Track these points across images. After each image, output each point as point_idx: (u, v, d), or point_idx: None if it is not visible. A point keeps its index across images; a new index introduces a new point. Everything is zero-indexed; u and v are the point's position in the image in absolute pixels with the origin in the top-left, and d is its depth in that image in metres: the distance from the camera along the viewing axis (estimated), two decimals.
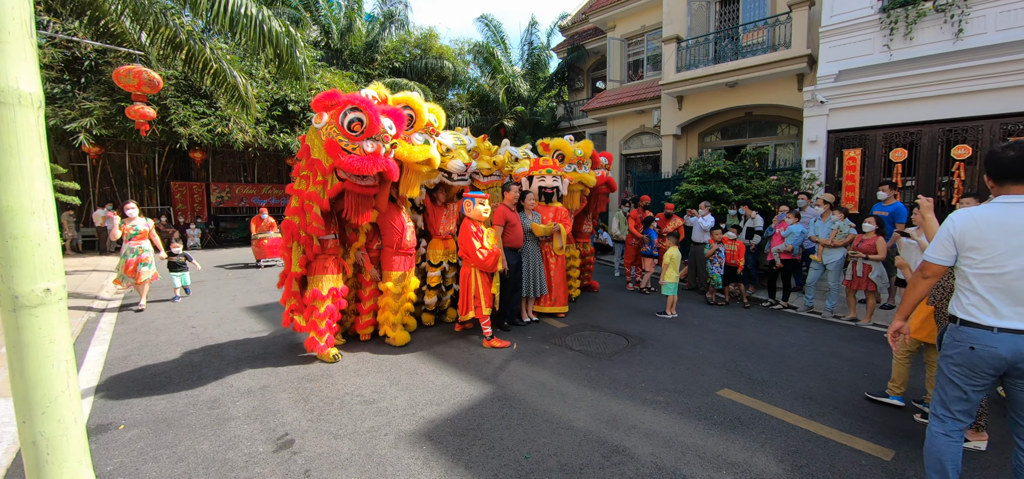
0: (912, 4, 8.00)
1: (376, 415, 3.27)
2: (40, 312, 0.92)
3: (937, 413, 2.16)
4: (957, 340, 2.06)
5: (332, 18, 17.82)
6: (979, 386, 2.03)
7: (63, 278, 1.02)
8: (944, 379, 2.12)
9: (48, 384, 0.93)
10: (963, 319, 2.04)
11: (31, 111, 0.95)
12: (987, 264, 1.97)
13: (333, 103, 3.82)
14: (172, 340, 5.06)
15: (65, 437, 0.96)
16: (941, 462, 2.10)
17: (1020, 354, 1.91)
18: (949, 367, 2.10)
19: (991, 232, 1.97)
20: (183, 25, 8.88)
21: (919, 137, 8.09)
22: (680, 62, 11.97)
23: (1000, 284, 1.95)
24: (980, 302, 2.00)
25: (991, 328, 1.96)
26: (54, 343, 0.94)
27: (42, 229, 0.92)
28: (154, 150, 14.77)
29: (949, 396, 2.10)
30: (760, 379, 3.94)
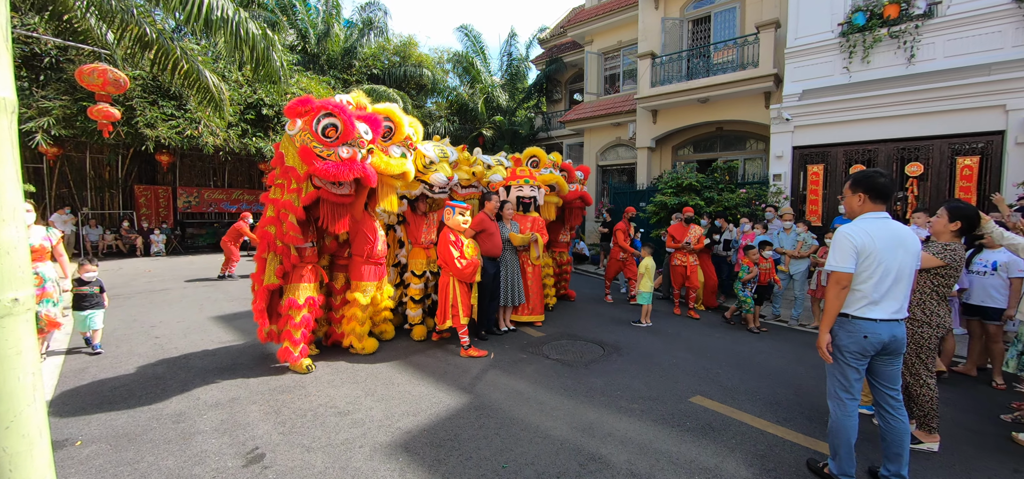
0: (869, 30, 8.49)
1: (351, 427, 3.22)
2: (7, 323, 0.88)
3: (841, 397, 2.53)
4: (851, 331, 2.45)
5: (309, 23, 17.58)
6: (864, 367, 2.50)
7: (32, 287, 0.98)
8: (843, 367, 2.51)
9: (13, 397, 0.89)
10: (853, 315, 2.45)
11: (4, 117, 0.92)
12: (876, 269, 2.38)
13: (307, 109, 3.75)
14: (133, 351, 4.85)
15: (30, 453, 0.91)
16: (850, 439, 2.49)
17: (895, 337, 2.42)
18: (848, 356, 2.47)
19: (881, 242, 2.39)
20: (154, 23, 8.62)
21: (876, 154, 8.56)
22: (654, 77, 12.33)
23: (883, 284, 2.38)
24: (868, 299, 2.41)
25: (875, 319, 2.40)
26: (21, 355, 0.90)
27: (12, 237, 0.88)
28: (117, 152, 14.14)
29: (852, 379, 2.50)
30: (730, 386, 4.06)
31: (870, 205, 2.50)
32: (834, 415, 2.55)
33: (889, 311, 2.40)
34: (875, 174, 2.50)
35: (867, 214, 2.50)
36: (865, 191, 2.51)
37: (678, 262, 7.00)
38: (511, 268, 5.69)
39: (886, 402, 2.52)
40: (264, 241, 4.11)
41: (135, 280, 9.37)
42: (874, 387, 2.59)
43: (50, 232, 4.72)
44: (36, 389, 0.93)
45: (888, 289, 2.39)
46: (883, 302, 2.39)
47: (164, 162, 14.34)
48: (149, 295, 7.80)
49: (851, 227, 2.47)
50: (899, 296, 2.41)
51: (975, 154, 7.60)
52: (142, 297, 7.64)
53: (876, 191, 2.48)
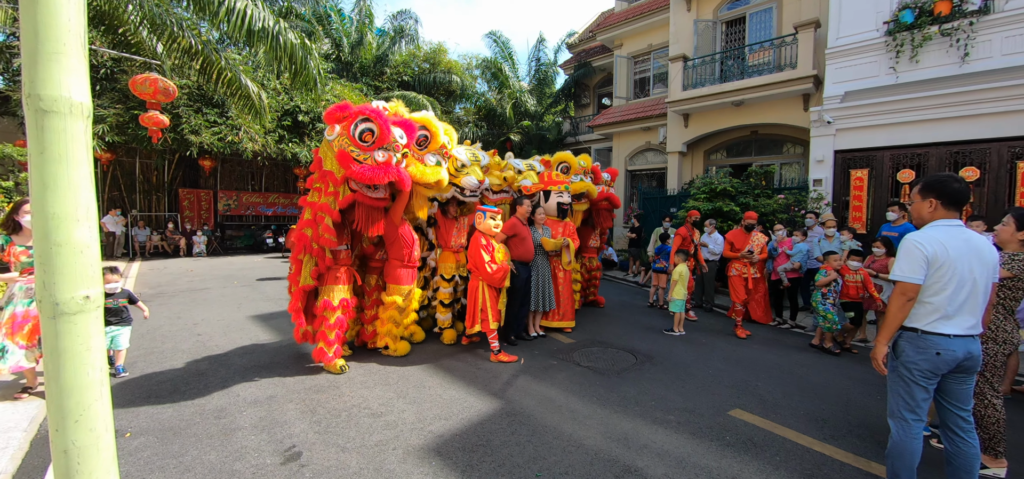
0: (918, 28, 8.07)
1: (384, 429, 3.25)
2: (79, 319, 0.93)
3: (906, 418, 2.34)
4: (922, 347, 2.28)
5: (343, 32, 18.10)
6: (934, 386, 2.32)
7: (101, 285, 1.03)
8: (911, 386, 2.32)
9: (82, 391, 0.93)
10: (924, 330, 2.29)
11: (81, 121, 0.97)
12: (949, 280, 2.23)
13: (345, 115, 3.87)
14: (178, 347, 5.06)
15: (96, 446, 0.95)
16: (913, 463, 2.32)
17: (971, 354, 2.25)
18: (917, 374, 2.29)
19: (954, 252, 2.23)
20: (200, 35, 9.05)
21: (926, 158, 8.10)
22: (686, 81, 12.08)
23: (958, 298, 2.23)
24: (941, 313, 2.25)
25: (948, 335, 2.23)
26: (90, 351, 0.94)
27: (85, 237, 0.93)
28: (164, 157, 14.92)
29: (920, 399, 2.32)
30: (771, 399, 3.89)
31: (942, 212, 2.33)
32: (896, 436, 2.37)
33: (964, 326, 2.23)
34: (948, 179, 2.34)
35: (938, 222, 2.34)
36: (937, 197, 2.34)
37: (737, 272, 6.37)
38: (542, 273, 5.65)
39: (955, 424, 2.33)
40: (301, 243, 4.22)
41: (178, 279, 9.81)
42: (942, 407, 2.39)
43: None
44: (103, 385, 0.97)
45: (963, 302, 2.23)
46: (957, 316, 2.23)
47: (206, 167, 15.03)
48: (191, 294, 8.15)
49: (921, 235, 2.31)
50: (975, 310, 2.25)
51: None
52: (185, 296, 7.99)
53: (949, 197, 2.31)
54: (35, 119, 0.91)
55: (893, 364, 2.41)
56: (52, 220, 0.90)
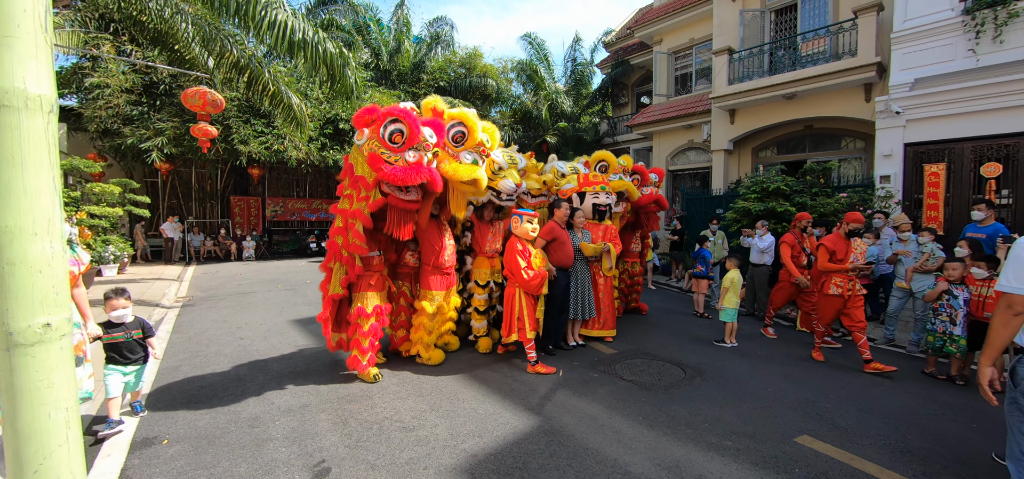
0: (1002, 4, 7.20)
1: (415, 445, 3.09)
2: (37, 351, 0.79)
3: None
4: None
5: (382, 41, 18.48)
6: None
7: (68, 311, 0.89)
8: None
9: (43, 437, 0.80)
10: None
11: (40, 116, 0.83)
12: None
13: (373, 118, 3.81)
14: (221, 351, 5.15)
15: None
16: None
17: None
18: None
19: None
20: (246, 50, 9.40)
21: (1016, 150, 7.19)
22: (732, 74, 11.43)
23: None
24: None
25: None
26: (53, 388, 0.80)
27: (44, 253, 0.79)
28: (217, 166, 15.71)
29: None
30: (845, 426, 3.45)
31: None
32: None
33: None
34: None
35: None
36: None
37: (836, 289, 5.02)
38: (582, 279, 5.38)
39: None
40: (331, 251, 4.18)
41: (228, 283, 10.20)
42: None
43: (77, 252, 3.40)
44: (70, 427, 0.83)
45: None
46: None
47: (255, 175, 15.69)
48: (238, 297, 8.41)
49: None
50: None
51: None
52: (232, 299, 8.25)
53: None
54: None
55: (1012, 396, 2.02)
56: (4, 235, 0.76)
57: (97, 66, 12.47)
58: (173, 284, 9.96)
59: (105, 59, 12.17)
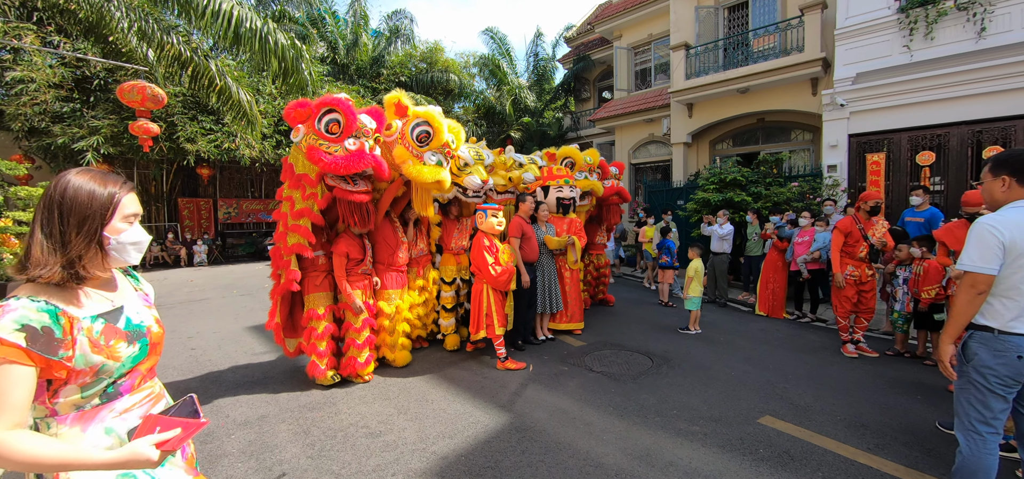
0: (932, 3, 7.73)
1: (383, 451, 2.97)
2: None
3: (981, 431, 2.04)
4: (1000, 350, 1.97)
5: (338, 34, 17.83)
6: (1014, 394, 2.02)
7: None
8: (986, 394, 2.02)
9: None
10: (1002, 330, 1.98)
11: None
12: None
13: (307, 111, 3.64)
14: (168, 363, 4.80)
15: None
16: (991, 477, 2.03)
17: None
18: (995, 381, 1.99)
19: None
20: (189, 42, 8.81)
21: (948, 138, 7.75)
22: (689, 69, 11.76)
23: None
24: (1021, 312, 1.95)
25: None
26: None
27: None
28: (161, 167, 14.72)
29: (997, 410, 2.02)
30: (803, 404, 3.59)
31: (1018, 191, 2.01)
32: (967, 452, 2.06)
33: None
34: (1022, 152, 2.05)
35: (1016, 203, 2.01)
36: (1011, 173, 2.02)
37: (850, 275, 4.80)
38: (548, 273, 5.37)
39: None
40: (275, 259, 3.98)
41: (177, 290, 9.59)
42: (1020, 417, 2.09)
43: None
44: None
45: None
46: None
47: (205, 175, 14.83)
48: (189, 305, 7.91)
49: (996, 218, 1.99)
50: None
51: None
52: (183, 307, 7.75)
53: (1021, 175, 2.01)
54: None
55: (963, 369, 2.10)
56: None
57: (19, 59, 11.39)
58: None
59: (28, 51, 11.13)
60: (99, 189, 1.17)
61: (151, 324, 1.31)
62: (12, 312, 1.02)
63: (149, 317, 1.32)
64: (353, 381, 4.13)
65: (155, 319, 1.35)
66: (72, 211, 1.12)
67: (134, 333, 1.24)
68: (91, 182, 1.17)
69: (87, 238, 1.13)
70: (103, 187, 1.18)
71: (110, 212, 1.18)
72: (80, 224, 1.13)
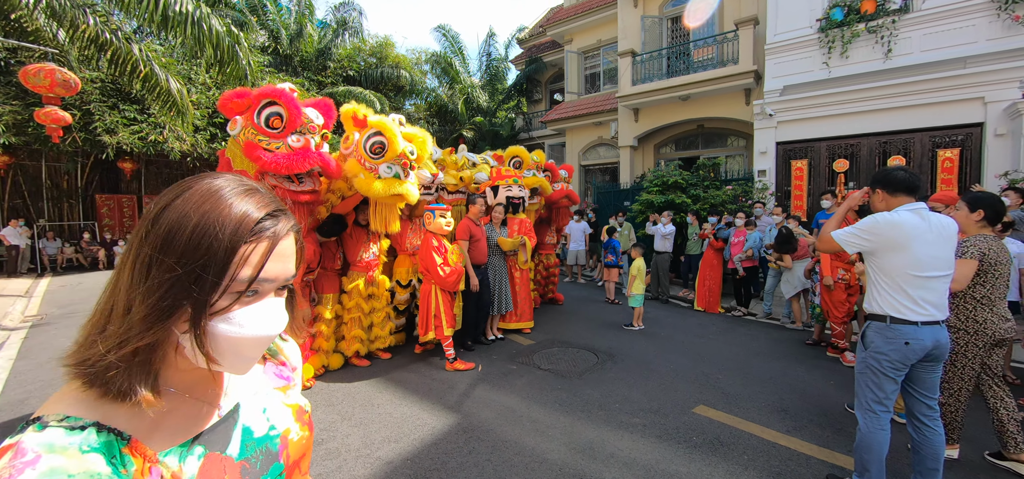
0: (847, 25, 8.52)
1: (325, 459, 2.88)
2: None
3: (875, 410, 2.31)
4: (891, 337, 2.24)
5: (281, 23, 16.95)
6: (903, 376, 2.30)
7: None
8: (880, 378, 2.29)
9: None
10: (893, 318, 2.25)
11: None
12: (913, 265, 2.20)
13: (247, 103, 3.33)
14: None
15: None
16: (882, 454, 2.28)
17: (938, 342, 2.22)
18: (887, 365, 2.26)
19: (913, 231, 2.20)
20: (109, 23, 8.05)
21: (859, 148, 8.58)
22: (635, 76, 12.23)
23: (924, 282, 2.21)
24: (911, 300, 2.22)
25: (916, 322, 2.20)
26: None
27: None
28: (76, 160, 13.33)
29: (889, 391, 2.29)
30: (733, 393, 3.86)
31: (894, 199, 2.32)
32: (865, 428, 2.32)
33: (931, 313, 2.20)
34: (890, 170, 2.40)
35: (900, 207, 2.28)
36: (882, 187, 2.38)
37: (841, 278, 4.64)
38: (499, 274, 5.41)
39: (921, 412, 2.32)
40: None
41: (95, 295, 8.69)
42: (909, 396, 2.37)
43: None
44: None
45: (928, 284, 2.20)
46: (925, 301, 2.19)
47: (127, 170, 13.61)
48: None
49: (889, 216, 2.25)
50: (940, 296, 2.22)
51: (955, 146, 7.66)
52: None
53: (892, 184, 2.34)
54: None
55: (862, 355, 2.37)
56: None
57: None
58: (19, 300, 8.31)
59: None
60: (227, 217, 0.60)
61: (289, 428, 0.75)
62: (35, 462, 0.50)
63: (286, 415, 0.76)
64: None
65: (296, 413, 0.77)
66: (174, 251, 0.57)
67: (259, 456, 0.70)
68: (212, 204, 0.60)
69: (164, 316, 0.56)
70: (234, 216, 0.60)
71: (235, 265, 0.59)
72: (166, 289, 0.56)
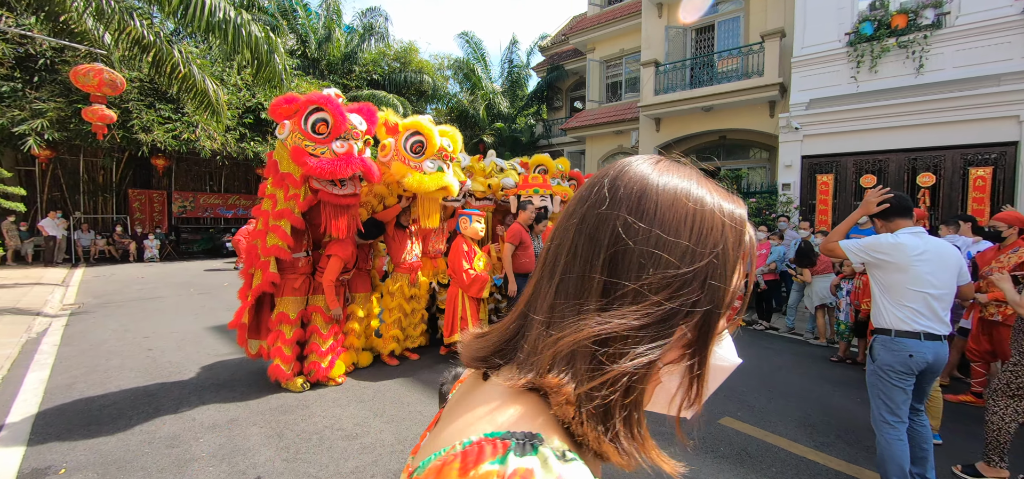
0: (877, 39, 8.42)
1: (360, 453, 2.99)
2: None
3: (889, 421, 2.41)
4: (895, 350, 2.37)
5: (310, 27, 17.42)
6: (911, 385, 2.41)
7: None
8: (889, 388, 2.40)
9: None
10: (899, 331, 2.38)
11: None
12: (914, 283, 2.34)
13: (294, 108, 3.51)
14: (125, 365, 4.59)
15: None
16: (904, 464, 2.36)
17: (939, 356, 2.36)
18: (893, 376, 2.38)
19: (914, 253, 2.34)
20: (152, 26, 8.41)
21: (887, 164, 8.45)
22: (658, 85, 12.24)
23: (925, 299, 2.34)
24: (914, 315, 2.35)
25: (919, 335, 2.33)
26: None
27: None
28: (112, 156, 13.88)
29: (899, 401, 2.39)
30: (758, 406, 3.86)
31: (890, 225, 2.49)
32: (883, 441, 2.41)
33: (933, 329, 2.33)
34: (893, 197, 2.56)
35: (902, 229, 2.45)
36: (879, 217, 2.54)
37: (993, 313, 3.75)
38: None
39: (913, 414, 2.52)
40: (250, 256, 3.88)
41: (128, 287, 9.09)
42: None
43: None
44: None
45: (929, 304, 2.34)
46: (925, 316, 2.34)
47: (160, 166, 14.10)
48: (142, 303, 7.53)
49: (894, 237, 2.41)
50: (942, 313, 2.36)
51: (988, 165, 7.51)
52: (135, 305, 7.37)
53: (891, 211, 2.49)
54: None
55: (872, 368, 2.49)
56: None
57: None
58: (57, 289, 8.68)
59: None
60: (724, 207, 0.48)
61: None
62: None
63: None
64: (324, 384, 4.09)
65: None
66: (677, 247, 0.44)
67: None
68: (702, 188, 0.48)
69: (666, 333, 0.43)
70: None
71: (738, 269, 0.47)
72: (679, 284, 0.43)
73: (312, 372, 4.01)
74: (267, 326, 4.07)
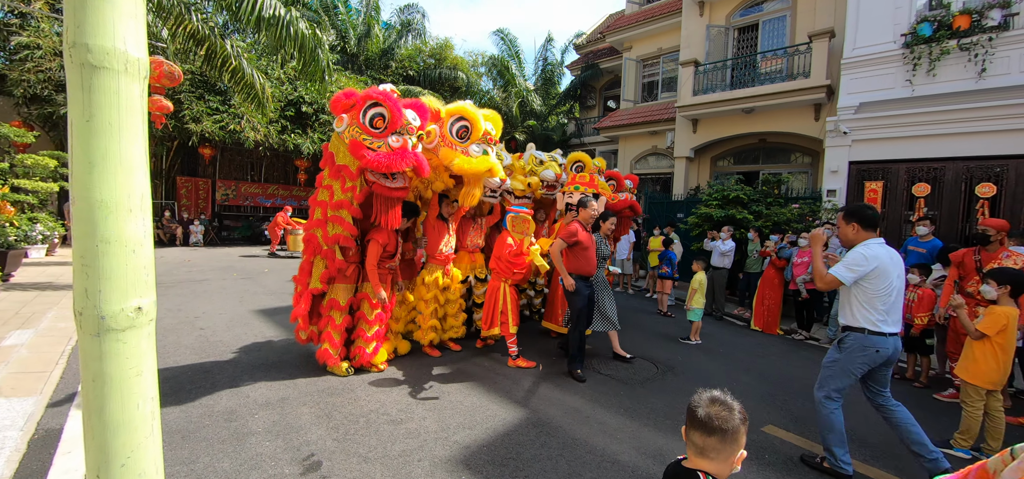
0: (936, 41, 7.99)
1: (406, 437, 3.08)
2: (129, 336, 0.74)
3: (834, 399, 2.89)
4: (867, 346, 2.78)
5: (350, 23, 17.84)
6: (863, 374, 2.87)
7: (155, 294, 0.85)
8: (845, 376, 2.87)
9: (131, 429, 0.75)
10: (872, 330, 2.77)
11: (138, 82, 0.78)
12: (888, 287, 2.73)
13: (352, 102, 3.64)
14: (180, 343, 4.85)
15: None
16: (842, 429, 2.84)
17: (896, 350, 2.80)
18: (858, 366, 2.82)
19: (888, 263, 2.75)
20: (206, 20, 8.81)
21: (943, 173, 8.02)
22: (697, 86, 11.97)
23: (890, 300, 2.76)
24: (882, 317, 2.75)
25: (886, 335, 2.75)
26: (141, 376, 0.76)
27: (138, 232, 0.75)
28: (163, 144, 14.62)
29: (848, 386, 2.89)
30: (802, 416, 3.76)
31: (863, 234, 2.83)
32: (825, 412, 2.87)
33: (895, 326, 2.76)
34: (863, 206, 2.89)
35: (869, 240, 2.80)
36: (858, 221, 2.85)
37: None
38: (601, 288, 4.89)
39: (883, 401, 2.88)
40: (310, 245, 4.02)
41: (176, 270, 9.57)
42: (871, 391, 2.92)
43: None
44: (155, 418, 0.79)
45: (893, 304, 2.75)
46: (890, 318, 2.74)
47: (206, 155, 14.75)
48: (190, 285, 7.92)
49: (869, 250, 2.76)
50: (898, 312, 2.79)
51: None
52: (184, 287, 7.76)
53: (866, 221, 2.84)
54: (81, 77, 0.73)
55: (836, 356, 2.91)
56: (99, 209, 0.72)
57: (26, 24, 11.27)
58: None
59: (36, 17, 11.02)
60: None
61: None
62: None
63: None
64: (367, 370, 4.22)
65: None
66: None
67: None
68: None
69: None
70: None
71: None
72: None
73: (357, 357, 4.14)
74: (317, 312, 4.23)
